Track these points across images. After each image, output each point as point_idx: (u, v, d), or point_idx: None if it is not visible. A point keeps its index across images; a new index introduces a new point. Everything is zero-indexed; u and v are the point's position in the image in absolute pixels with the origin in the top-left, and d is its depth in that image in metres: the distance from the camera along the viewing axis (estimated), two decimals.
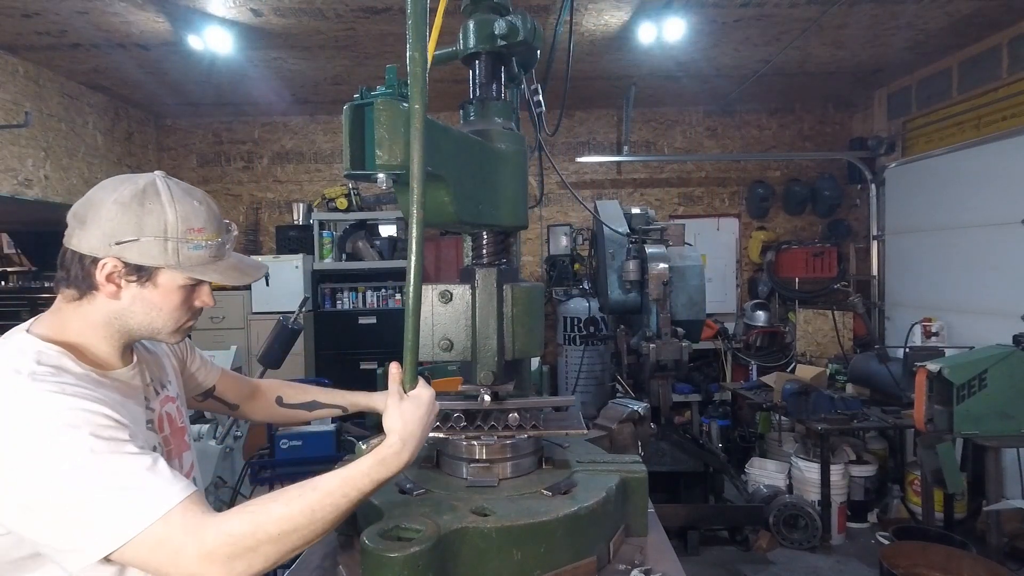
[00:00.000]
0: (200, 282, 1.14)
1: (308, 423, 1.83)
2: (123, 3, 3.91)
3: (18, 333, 1.09)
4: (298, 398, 1.60)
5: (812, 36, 4.70)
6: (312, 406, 1.60)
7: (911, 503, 4.50)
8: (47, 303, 1.15)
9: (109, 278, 1.06)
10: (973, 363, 3.16)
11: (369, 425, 3.03)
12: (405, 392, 1.13)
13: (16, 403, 0.94)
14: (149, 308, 1.10)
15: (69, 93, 5.38)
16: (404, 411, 1.09)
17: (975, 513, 4.07)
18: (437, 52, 1.51)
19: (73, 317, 1.10)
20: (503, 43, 1.50)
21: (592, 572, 1.35)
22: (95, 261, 1.05)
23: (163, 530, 0.90)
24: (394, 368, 1.14)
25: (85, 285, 1.07)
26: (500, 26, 1.48)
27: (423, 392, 1.13)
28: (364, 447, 1.08)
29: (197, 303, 1.16)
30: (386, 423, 1.09)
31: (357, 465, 1.03)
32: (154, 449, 1.12)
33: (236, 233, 1.21)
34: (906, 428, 4.43)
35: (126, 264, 1.06)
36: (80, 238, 1.05)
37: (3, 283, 7.29)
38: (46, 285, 6.32)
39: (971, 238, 4.86)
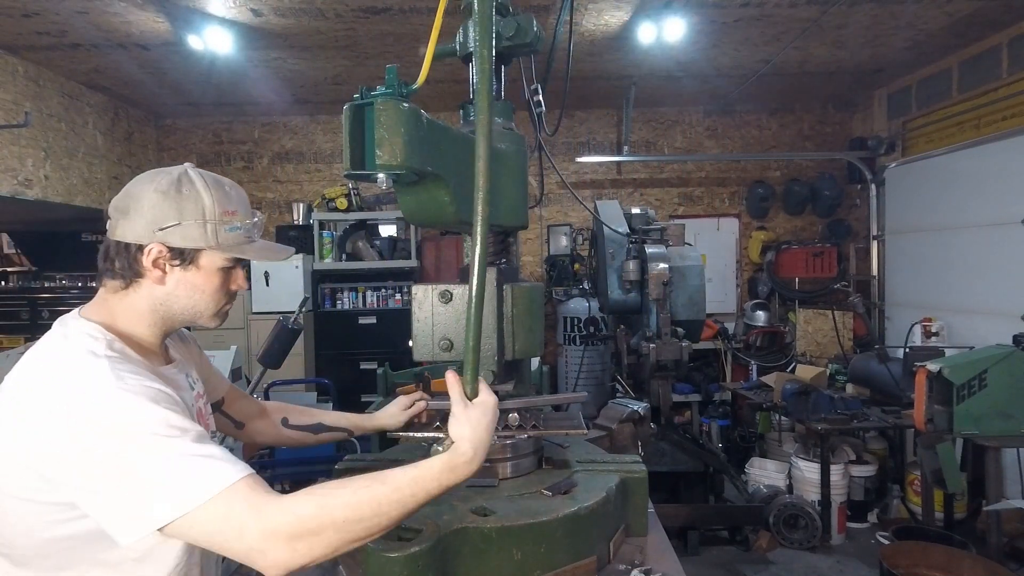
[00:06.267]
0: (235, 266, 1.21)
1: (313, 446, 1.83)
2: (123, 3, 3.91)
3: (76, 320, 1.13)
4: (303, 420, 1.59)
5: (812, 36, 4.70)
6: (317, 428, 1.58)
7: (911, 503, 4.50)
8: (47, 303, 1.18)
9: (155, 263, 1.12)
10: (973, 363, 3.16)
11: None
12: (469, 399, 1.12)
13: (96, 381, 0.99)
14: (192, 291, 1.16)
15: (69, 93, 5.37)
16: (472, 418, 1.08)
17: (975, 513, 4.07)
18: (436, 47, 1.50)
19: (119, 307, 1.15)
20: (508, 43, 1.50)
21: (592, 572, 1.35)
22: (141, 248, 1.11)
23: (227, 504, 0.91)
24: (451, 376, 1.13)
25: (131, 273, 1.13)
26: (509, 26, 1.48)
27: (488, 398, 1.12)
28: (440, 449, 1.07)
29: (233, 287, 1.23)
30: (454, 431, 1.07)
31: (428, 467, 1.02)
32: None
33: (260, 219, 1.27)
34: (906, 428, 4.43)
35: (170, 249, 1.12)
36: (125, 228, 1.11)
37: (3, 283, 7.28)
38: (46, 285, 6.31)
39: (971, 238, 4.86)
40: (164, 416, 0.97)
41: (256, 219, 1.23)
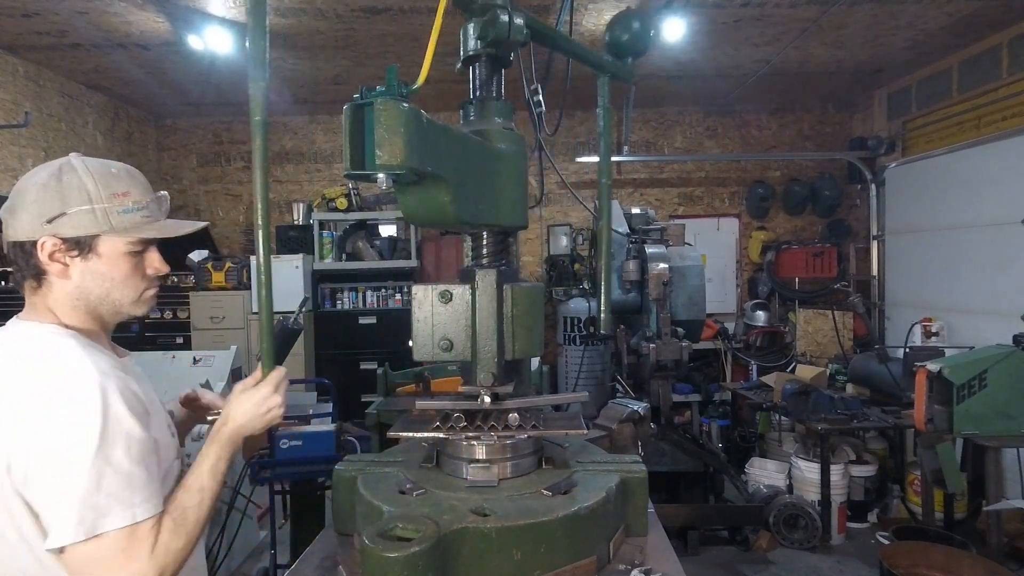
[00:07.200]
0: (144, 249, 1.18)
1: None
2: (123, 3, 3.91)
3: (24, 323, 1.13)
4: None
5: (812, 36, 4.70)
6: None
7: (911, 503, 4.49)
8: None
9: (52, 257, 1.10)
10: (973, 363, 3.16)
11: (368, 425, 3.03)
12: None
13: (76, 369, 1.03)
14: (102, 280, 1.13)
15: (69, 93, 5.38)
16: (235, 395, 1.21)
17: (975, 513, 4.07)
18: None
19: (44, 308, 1.13)
20: (488, 45, 1.50)
21: (592, 572, 1.35)
22: (34, 244, 1.09)
23: (111, 549, 0.99)
24: (257, 373, 1.24)
25: (34, 271, 1.11)
26: (478, 28, 1.47)
27: (264, 384, 1.21)
28: (209, 418, 1.32)
29: (149, 271, 1.20)
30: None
31: (204, 453, 1.16)
32: (169, 427, 1.21)
33: (166, 196, 1.24)
34: (906, 428, 4.42)
35: (64, 240, 1.09)
36: (15, 227, 1.10)
37: (3, 283, 7.28)
38: None
39: (971, 238, 4.86)
40: (126, 422, 1.03)
41: (155, 196, 1.19)
